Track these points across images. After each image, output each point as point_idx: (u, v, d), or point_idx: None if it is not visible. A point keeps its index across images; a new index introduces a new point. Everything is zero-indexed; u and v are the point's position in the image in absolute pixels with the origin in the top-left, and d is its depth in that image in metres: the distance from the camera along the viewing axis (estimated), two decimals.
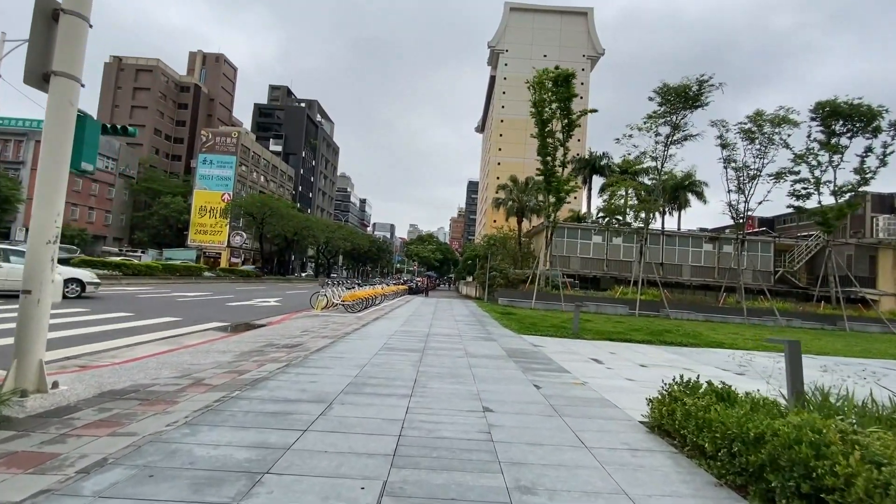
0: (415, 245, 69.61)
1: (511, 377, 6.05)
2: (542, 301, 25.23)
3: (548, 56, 74.32)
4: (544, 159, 26.46)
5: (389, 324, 11.91)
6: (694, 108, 25.87)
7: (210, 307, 14.71)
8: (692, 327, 18.13)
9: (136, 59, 75.97)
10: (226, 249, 62.28)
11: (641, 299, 25.33)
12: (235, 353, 6.73)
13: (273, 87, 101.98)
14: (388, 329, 10.67)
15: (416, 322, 12.65)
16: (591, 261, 33.42)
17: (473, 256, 42.24)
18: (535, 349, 8.81)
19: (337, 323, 11.45)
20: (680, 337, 12.66)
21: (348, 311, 14.49)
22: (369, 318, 12.91)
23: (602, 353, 9.04)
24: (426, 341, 8.95)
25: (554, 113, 26.01)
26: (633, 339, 11.30)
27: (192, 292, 19.99)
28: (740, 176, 26.65)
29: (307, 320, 12.10)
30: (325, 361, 6.32)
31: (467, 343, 9.09)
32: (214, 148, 64.17)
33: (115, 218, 61.96)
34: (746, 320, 25.03)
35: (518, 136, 79.77)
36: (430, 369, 6.17)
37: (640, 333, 13.25)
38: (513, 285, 28.97)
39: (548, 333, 11.40)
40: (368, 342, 8.46)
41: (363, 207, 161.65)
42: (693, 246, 33.89)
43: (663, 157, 26.51)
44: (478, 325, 13.26)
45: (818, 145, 27.80)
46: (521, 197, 36.75)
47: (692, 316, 25.00)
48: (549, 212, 26.92)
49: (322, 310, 14.46)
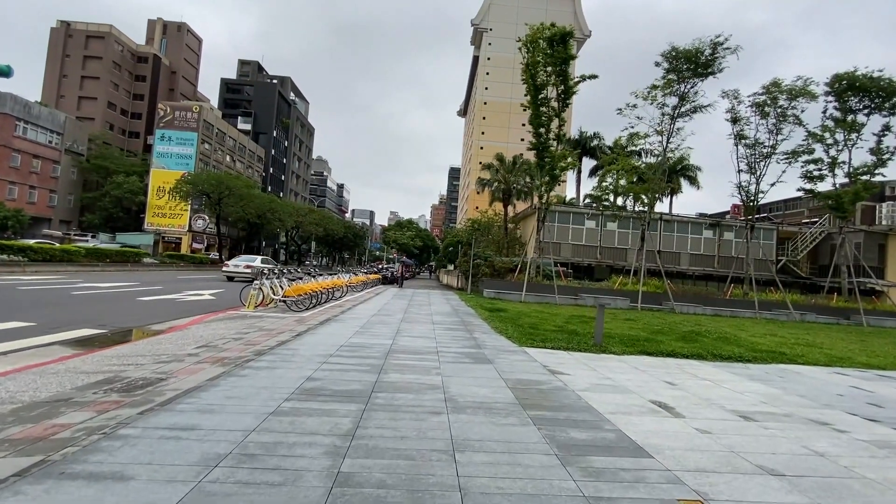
0: (393, 231, 65.65)
1: (543, 479, 2.78)
2: (533, 293, 22.13)
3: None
4: (537, 131, 23.13)
5: (338, 331, 8.51)
6: (705, 75, 22.87)
7: (108, 304, 11.05)
8: (714, 325, 15.27)
9: (86, 24, 69.16)
10: (187, 234, 57.46)
11: (643, 291, 22.48)
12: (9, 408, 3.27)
13: (243, 61, 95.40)
14: (330, 342, 7.28)
15: (377, 328, 9.28)
16: (583, 248, 30.49)
17: (455, 242, 38.89)
18: (555, 382, 5.56)
19: (263, 331, 8.01)
20: (727, 346, 9.65)
21: (291, 310, 11.01)
22: (314, 322, 9.48)
23: (654, 382, 5.88)
24: (382, 369, 5.60)
25: (549, 77, 22.64)
26: (677, 352, 8.19)
27: (105, 283, 16.12)
28: (753, 154, 23.89)
29: (225, 325, 8.63)
30: (146, 445, 2.92)
31: (449, 371, 5.78)
32: (173, 123, 58.90)
33: (62, 198, 56.32)
34: (757, 314, 22.50)
35: (502, 120, 76.48)
36: (364, 472, 2.81)
37: (671, 339, 10.21)
38: (499, 275, 25.79)
39: (560, 344, 8.18)
40: (283, 373, 5.07)
41: (341, 193, 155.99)
42: (692, 232, 31.28)
43: (669, 130, 23.50)
44: (462, 330, 9.97)
45: (833, 122, 25.31)
46: (507, 177, 33.41)
47: (698, 310, 22.31)
48: (542, 191, 23.68)
49: (256, 308, 10.94)
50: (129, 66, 72.51)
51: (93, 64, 67.79)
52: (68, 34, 68.09)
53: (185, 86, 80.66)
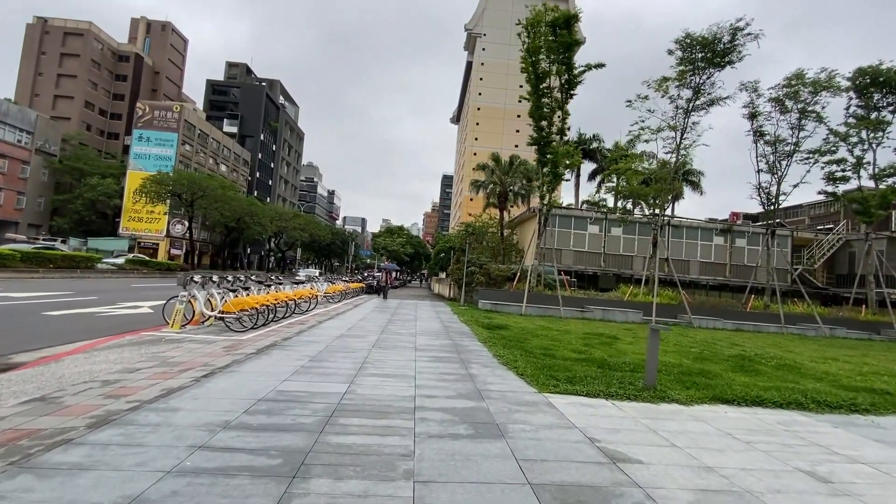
0: (383, 237, 62.81)
1: None
2: (534, 304, 19.62)
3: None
4: (538, 124, 20.79)
5: (274, 366, 5.91)
6: (722, 65, 20.74)
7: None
8: (752, 345, 12.86)
9: (64, 20, 66.32)
10: (164, 240, 54.34)
11: (657, 303, 20.07)
12: None
13: (231, 63, 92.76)
14: (249, 389, 4.70)
15: (334, 360, 6.69)
16: (586, 255, 28.09)
17: (447, 249, 36.33)
18: (625, 486, 3.02)
19: (166, 365, 5.41)
20: (802, 379, 7.20)
21: (232, 329, 8.40)
22: (251, 348, 6.89)
23: (788, 476, 3.38)
24: (304, 464, 3.04)
25: (551, 65, 20.38)
26: (763, 400, 5.67)
27: (25, 292, 13.37)
28: (775, 152, 21.73)
29: (118, 355, 6.01)
30: None
31: (430, 464, 3.22)
32: (152, 123, 56.03)
33: (31, 201, 53.02)
34: (783, 329, 20.19)
35: (495, 125, 74.63)
36: None
37: (725, 369, 7.75)
38: (496, 283, 23.29)
39: (596, 387, 5.63)
40: (88, 487, 2.51)
41: (332, 199, 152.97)
42: (702, 239, 29.03)
43: (683, 125, 21.29)
44: (455, 360, 7.39)
45: (855, 120, 23.32)
46: (503, 179, 31.02)
47: (718, 324, 19.95)
48: (544, 191, 21.26)
49: (183, 327, 8.30)
50: (110, 65, 69.62)
51: (70, 62, 64.85)
52: (45, 30, 65.19)
53: (169, 87, 77.84)
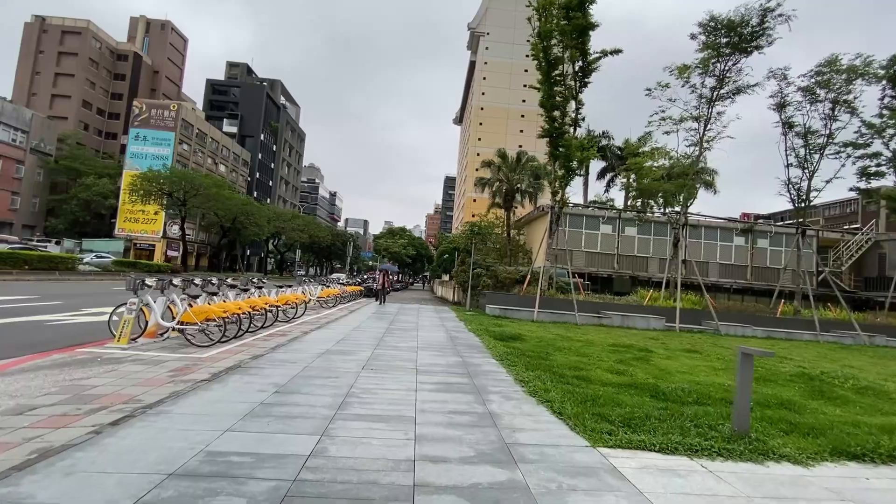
0: (384, 239, 61.22)
1: None
2: (546, 309, 18.02)
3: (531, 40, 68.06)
4: (549, 114, 19.23)
5: (228, 402, 4.35)
6: (749, 51, 19.14)
7: None
8: (801, 356, 11.24)
9: (62, 19, 65.33)
10: (161, 241, 53.02)
11: (680, 308, 18.43)
12: None
13: (231, 63, 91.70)
14: (158, 460, 3.15)
15: (308, 393, 5.10)
16: (598, 256, 26.47)
17: (451, 249, 34.74)
18: None
19: (79, 403, 3.88)
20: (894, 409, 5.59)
21: (193, 344, 6.87)
22: (204, 374, 5.35)
23: None
24: None
25: (565, 50, 18.82)
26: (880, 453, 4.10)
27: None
28: (805, 145, 20.09)
29: (34, 381, 4.48)
30: None
31: None
32: (149, 122, 54.81)
33: (26, 202, 51.88)
34: (818, 336, 18.51)
35: (499, 125, 73.16)
36: None
37: (800, 395, 6.16)
38: (503, 287, 21.69)
39: (671, 438, 4.03)
40: None
41: (333, 201, 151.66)
42: (722, 239, 27.36)
43: (707, 116, 19.69)
44: (468, 389, 5.75)
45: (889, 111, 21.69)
46: (510, 176, 29.43)
47: (747, 331, 18.28)
48: (556, 187, 19.68)
49: (133, 340, 6.77)
50: (108, 64, 68.55)
51: (68, 60, 63.77)
52: (43, 29, 64.17)
53: (169, 86, 76.71)
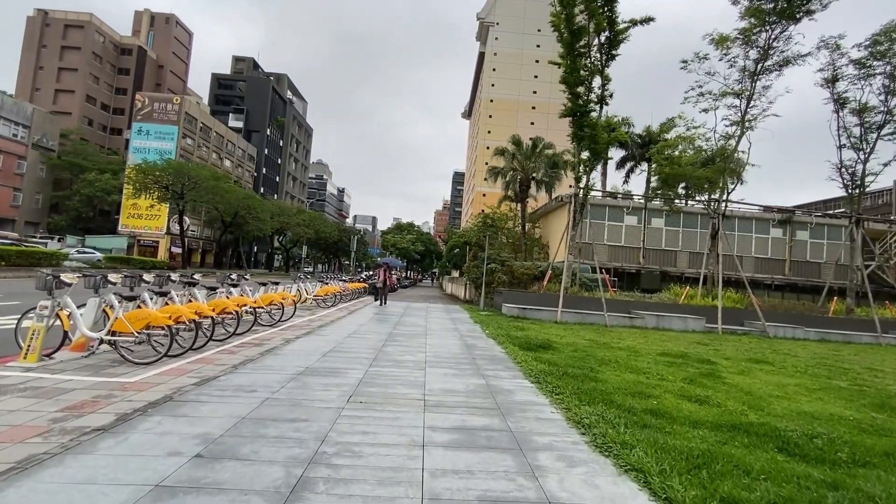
0: (392, 234, 59.50)
1: None
2: (570, 309, 16.11)
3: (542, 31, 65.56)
4: (572, 91, 17.25)
5: (102, 490, 2.55)
6: (798, 18, 16.96)
7: None
8: (879, 363, 9.23)
9: (65, 13, 64.35)
10: (165, 237, 51.89)
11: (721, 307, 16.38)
12: None
13: (237, 58, 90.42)
14: None
15: (261, 449, 3.26)
16: (623, 250, 24.41)
17: (461, 244, 32.88)
18: None
19: None
20: None
21: (129, 361, 5.12)
22: (110, 415, 3.59)
23: None
24: None
25: (591, 19, 16.79)
26: None
27: None
28: (861, 123, 17.87)
29: None
30: None
31: None
32: (152, 115, 53.64)
33: (29, 198, 51.01)
34: (879, 338, 16.37)
35: (509, 118, 70.86)
36: None
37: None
38: (520, 284, 19.82)
39: None
40: None
41: (341, 197, 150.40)
42: (757, 231, 25.13)
43: (750, 92, 17.54)
44: (503, 448, 3.67)
45: None
46: (525, 164, 27.44)
47: (798, 333, 16.19)
48: (580, 173, 17.73)
49: (42, 358, 5.03)
50: (112, 59, 67.56)
51: (71, 55, 62.84)
52: (45, 23, 63.28)
53: (174, 81, 75.65)
